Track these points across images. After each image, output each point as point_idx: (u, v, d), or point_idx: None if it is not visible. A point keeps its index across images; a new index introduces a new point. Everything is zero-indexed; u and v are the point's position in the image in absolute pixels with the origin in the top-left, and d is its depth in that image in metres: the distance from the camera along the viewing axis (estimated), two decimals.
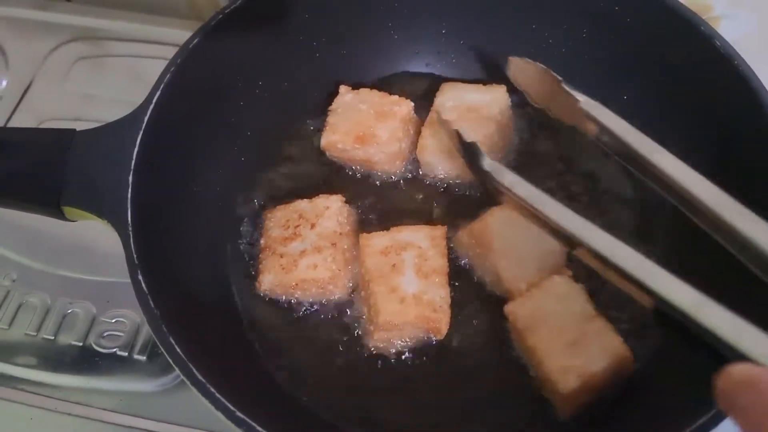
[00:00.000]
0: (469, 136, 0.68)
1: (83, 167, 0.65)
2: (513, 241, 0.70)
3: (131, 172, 0.64)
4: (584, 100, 0.66)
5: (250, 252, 0.76)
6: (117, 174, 0.64)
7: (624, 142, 0.61)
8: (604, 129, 0.64)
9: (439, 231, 0.73)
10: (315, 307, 0.73)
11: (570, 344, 0.64)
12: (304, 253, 0.72)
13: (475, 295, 0.73)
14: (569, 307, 0.67)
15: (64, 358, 0.79)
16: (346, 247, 0.73)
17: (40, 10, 1.08)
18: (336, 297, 0.73)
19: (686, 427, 0.53)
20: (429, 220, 0.77)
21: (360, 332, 0.72)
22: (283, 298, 0.74)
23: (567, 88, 0.68)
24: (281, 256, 0.73)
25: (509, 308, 0.69)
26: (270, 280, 0.72)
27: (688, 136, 0.73)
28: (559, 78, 0.69)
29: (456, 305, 0.71)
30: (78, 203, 0.64)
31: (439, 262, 0.71)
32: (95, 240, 0.85)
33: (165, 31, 1.03)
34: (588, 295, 0.68)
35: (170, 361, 0.56)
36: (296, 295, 0.73)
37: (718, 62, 0.69)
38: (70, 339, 0.80)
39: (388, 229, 0.74)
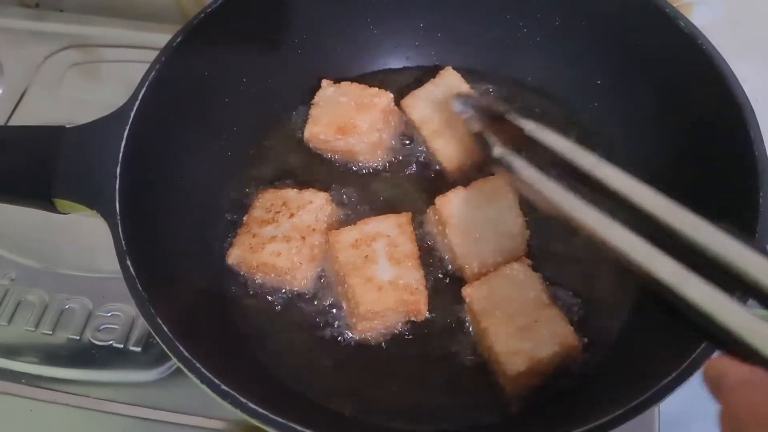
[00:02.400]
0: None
1: (73, 161, 0.67)
2: (471, 220, 0.72)
3: (119, 165, 0.66)
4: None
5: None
6: (105, 167, 0.66)
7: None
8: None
9: (405, 217, 0.75)
10: (297, 295, 0.75)
11: (521, 329, 0.66)
12: (274, 239, 0.74)
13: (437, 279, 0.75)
14: (524, 293, 0.68)
15: (62, 351, 0.81)
16: (316, 243, 0.74)
17: (35, 20, 1.11)
18: (295, 288, 0.75)
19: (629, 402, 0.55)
20: (411, 208, 0.79)
21: (338, 323, 0.73)
22: (247, 275, 0.75)
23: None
24: (253, 236, 0.74)
25: (466, 291, 0.70)
26: (237, 255, 0.74)
27: (657, 116, 0.76)
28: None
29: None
30: (69, 195, 0.66)
31: (408, 247, 0.72)
32: (90, 238, 0.88)
33: (155, 37, 1.05)
34: (544, 285, 0.69)
35: (157, 339, 0.58)
36: (257, 277, 0.75)
37: (684, 43, 0.71)
38: (67, 333, 0.82)
39: (371, 216, 0.75)
